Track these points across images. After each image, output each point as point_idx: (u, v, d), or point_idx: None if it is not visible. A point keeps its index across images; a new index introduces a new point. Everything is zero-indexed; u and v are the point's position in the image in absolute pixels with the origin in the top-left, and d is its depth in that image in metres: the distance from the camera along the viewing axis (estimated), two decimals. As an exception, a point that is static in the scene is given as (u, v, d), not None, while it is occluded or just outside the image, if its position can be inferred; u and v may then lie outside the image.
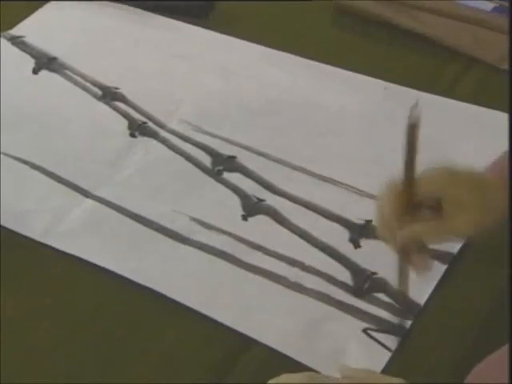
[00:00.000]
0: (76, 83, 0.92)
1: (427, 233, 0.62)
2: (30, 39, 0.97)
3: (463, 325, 0.68)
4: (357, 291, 0.72)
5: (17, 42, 0.96)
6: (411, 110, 0.58)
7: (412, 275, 0.65)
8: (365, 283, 0.72)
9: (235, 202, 0.80)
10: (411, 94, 0.90)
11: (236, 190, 0.81)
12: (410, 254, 0.63)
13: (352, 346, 0.67)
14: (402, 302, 0.69)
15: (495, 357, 0.55)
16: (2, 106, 0.88)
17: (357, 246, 0.76)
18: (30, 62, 0.94)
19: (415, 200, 0.62)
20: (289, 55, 0.96)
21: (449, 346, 0.67)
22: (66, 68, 0.94)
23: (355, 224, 0.78)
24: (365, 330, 0.68)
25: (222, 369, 0.66)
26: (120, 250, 0.75)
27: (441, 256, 0.74)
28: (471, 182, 0.62)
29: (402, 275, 0.65)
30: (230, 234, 0.77)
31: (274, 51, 0.97)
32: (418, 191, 0.61)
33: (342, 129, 0.88)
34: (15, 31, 0.98)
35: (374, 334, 0.68)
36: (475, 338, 0.67)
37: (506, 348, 0.53)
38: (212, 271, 0.74)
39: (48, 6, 1.01)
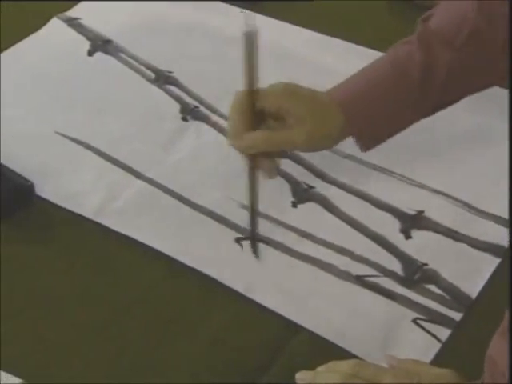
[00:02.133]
0: (130, 66, 0.93)
1: (265, 141, 0.66)
2: (86, 21, 0.98)
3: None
4: (407, 282, 0.71)
5: (73, 23, 0.97)
6: (245, 18, 0.59)
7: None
8: (415, 274, 0.71)
9: (285, 188, 0.80)
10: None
11: (286, 176, 0.81)
12: (257, 159, 0.67)
13: (401, 336, 0.67)
14: (454, 294, 0.68)
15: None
16: (58, 87, 0.90)
17: (408, 236, 0.75)
18: (86, 44, 0.95)
19: (261, 111, 0.65)
20: (342, 42, 0.96)
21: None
22: (121, 51, 0.95)
23: (406, 214, 0.77)
24: (415, 320, 0.68)
25: (268, 354, 0.66)
26: (169, 232, 0.76)
27: (494, 249, 0.73)
28: (309, 99, 0.67)
29: (251, 185, 0.68)
30: (279, 222, 0.77)
31: (327, 37, 0.96)
32: (262, 103, 0.65)
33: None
34: (72, 13, 0.99)
35: (424, 324, 0.67)
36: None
37: None
38: (260, 257, 0.74)
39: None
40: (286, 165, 0.82)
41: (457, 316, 0.68)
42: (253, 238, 0.70)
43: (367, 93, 0.67)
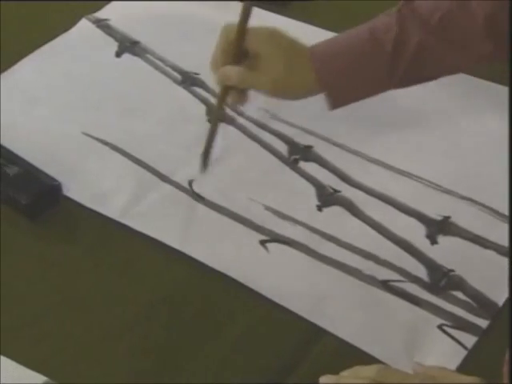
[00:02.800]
0: (157, 67, 0.93)
1: (237, 77, 0.70)
2: (114, 22, 0.98)
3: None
4: (433, 288, 0.70)
5: (101, 24, 0.98)
6: None
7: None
8: (441, 280, 0.71)
9: (310, 191, 0.80)
10: (495, 90, 0.88)
11: (311, 179, 0.81)
12: (229, 89, 0.72)
13: (426, 342, 0.66)
14: (480, 301, 0.68)
15: None
16: (85, 87, 0.90)
17: (433, 241, 0.75)
18: (114, 45, 0.95)
19: (243, 48, 0.70)
20: None
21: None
22: (148, 52, 0.95)
23: (432, 219, 0.76)
24: (440, 327, 0.67)
25: (293, 357, 0.66)
26: (194, 234, 0.76)
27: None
28: (286, 48, 0.70)
29: (217, 108, 0.74)
30: (304, 225, 0.76)
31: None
32: (245, 42, 0.70)
33: (420, 122, 0.87)
34: (100, 14, 1.00)
35: (450, 330, 0.67)
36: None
37: None
38: (285, 260, 0.74)
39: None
40: (311, 168, 0.82)
41: (483, 323, 0.67)
42: (206, 152, 0.76)
43: (342, 54, 0.70)
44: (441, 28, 0.69)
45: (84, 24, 0.99)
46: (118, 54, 0.94)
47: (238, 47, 0.70)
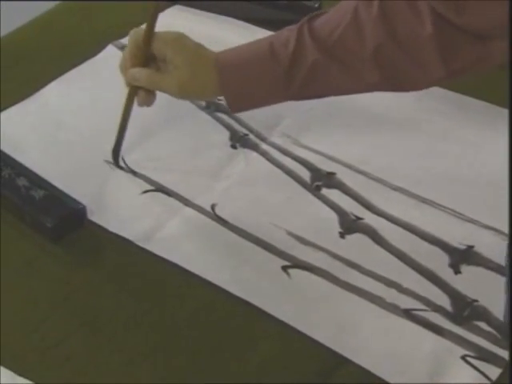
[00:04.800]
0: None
1: (144, 78, 0.75)
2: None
3: None
4: (456, 318, 0.70)
5: (127, 50, 0.99)
6: None
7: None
8: (465, 310, 0.70)
9: (333, 218, 0.80)
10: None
11: (334, 206, 0.81)
12: (137, 90, 0.77)
13: (450, 372, 0.66)
14: (505, 333, 0.67)
15: None
16: (111, 112, 0.90)
17: (457, 271, 0.74)
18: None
19: (151, 52, 0.75)
20: None
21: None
22: (172, 78, 0.97)
23: (456, 249, 0.76)
24: (464, 357, 0.67)
25: (314, 386, 0.66)
26: (216, 260, 0.76)
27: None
28: (191, 52, 0.74)
29: (126, 108, 0.80)
30: (326, 251, 0.76)
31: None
32: (152, 46, 0.74)
33: (444, 150, 0.87)
34: (126, 40, 1.00)
35: (473, 361, 0.66)
36: None
37: None
38: (307, 287, 0.73)
39: (159, 16, 1.04)
40: (334, 195, 0.82)
41: (508, 355, 0.66)
42: (116, 149, 0.83)
43: (244, 63, 0.73)
44: (335, 49, 0.71)
45: (110, 50, 1.00)
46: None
47: (146, 50, 0.74)
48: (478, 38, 0.68)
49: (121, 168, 0.85)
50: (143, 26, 0.76)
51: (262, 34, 1.02)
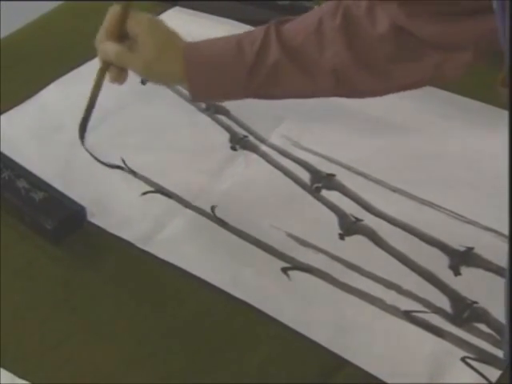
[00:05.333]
0: (181, 94, 0.94)
1: (114, 54, 0.75)
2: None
3: None
4: (456, 319, 0.70)
5: (127, 52, 0.99)
6: None
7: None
8: (464, 312, 0.70)
9: (332, 220, 0.80)
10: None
11: (334, 208, 0.81)
12: (109, 65, 0.77)
13: (449, 374, 0.66)
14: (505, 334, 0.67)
15: None
16: (110, 114, 0.91)
17: (457, 273, 0.74)
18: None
19: (124, 30, 0.75)
20: None
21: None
22: (172, 79, 0.97)
23: (456, 250, 0.76)
24: (463, 359, 0.67)
25: (314, 387, 0.66)
26: (216, 261, 0.76)
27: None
28: (162, 36, 0.75)
29: (96, 84, 0.80)
30: (326, 253, 0.76)
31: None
32: (127, 24, 0.75)
33: (444, 152, 0.87)
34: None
35: (473, 363, 0.66)
36: None
37: None
38: (307, 289, 0.73)
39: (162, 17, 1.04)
40: (334, 196, 0.82)
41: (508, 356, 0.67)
42: (83, 124, 0.84)
43: (210, 55, 0.74)
44: (297, 53, 0.73)
45: (110, 51, 1.00)
46: (143, 82, 0.95)
47: (121, 27, 0.75)
48: (435, 47, 0.70)
49: (117, 166, 0.85)
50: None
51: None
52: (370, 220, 0.80)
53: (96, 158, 0.86)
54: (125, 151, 0.87)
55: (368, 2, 0.71)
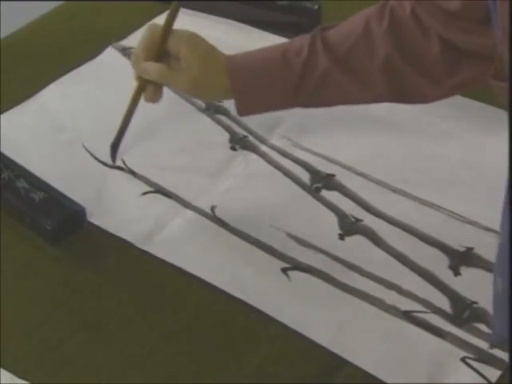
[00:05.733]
0: (181, 95, 0.94)
1: (157, 73, 0.75)
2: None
3: None
4: (456, 320, 0.70)
5: (127, 53, 0.99)
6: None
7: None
8: (464, 312, 0.71)
9: (332, 220, 0.80)
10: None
11: (334, 208, 0.81)
12: (146, 84, 0.77)
13: (449, 374, 0.66)
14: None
15: None
16: (110, 114, 0.91)
17: (457, 273, 0.74)
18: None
19: (165, 48, 0.75)
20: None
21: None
22: (172, 79, 0.97)
23: (455, 251, 0.76)
24: (463, 359, 0.67)
25: (314, 387, 0.66)
26: (216, 262, 0.76)
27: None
28: (205, 53, 0.75)
29: (132, 102, 0.80)
30: (326, 253, 0.76)
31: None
32: (168, 42, 0.75)
33: (445, 152, 0.87)
34: (126, 42, 1.01)
35: (473, 363, 0.66)
36: None
37: None
38: (306, 289, 0.73)
39: (159, 19, 1.04)
40: (333, 197, 0.82)
41: (507, 357, 0.66)
42: (115, 144, 0.82)
43: (255, 68, 0.75)
44: (346, 59, 0.73)
45: (110, 52, 1.00)
46: (144, 82, 0.95)
47: (162, 46, 0.75)
48: (475, 57, 0.70)
49: (117, 167, 0.85)
50: (159, 21, 0.77)
51: (261, 36, 1.03)
52: (369, 220, 0.80)
53: (96, 158, 0.86)
54: (125, 151, 0.86)
55: (411, 3, 0.71)
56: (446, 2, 0.69)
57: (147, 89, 0.77)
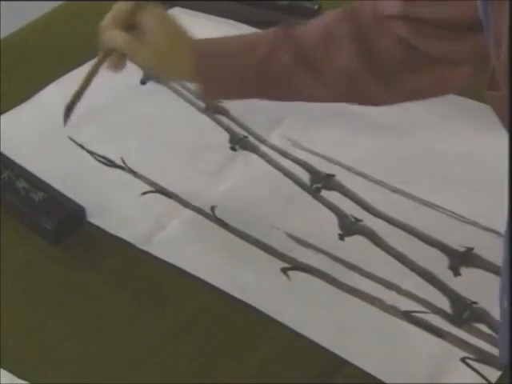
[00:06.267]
0: (181, 95, 0.94)
1: (122, 42, 0.74)
2: (140, 50, 1.00)
3: None
4: (456, 320, 0.70)
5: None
6: None
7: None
8: (464, 312, 0.71)
9: (332, 220, 0.80)
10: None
11: (333, 208, 0.81)
12: (111, 53, 0.75)
13: (449, 374, 0.66)
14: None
15: None
16: (110, 114, 0.91)
17: (456, 273, 0.74)
18: (139, 73, 0.96)
19: (134, 21, 0.73)
20: None
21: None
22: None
23: (455, 251, 0.76)
24: (463, 359, 0.67)
25: (314, 388, 0.66)
26: (216, 262, 0.76)
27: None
28: (174, 32, 0.74)
29: (92, 69, 0.77)
30: (326, 253, 0.76)
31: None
32: (139, 15, 0.73)
33: (444, 152, 0.87)
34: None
35: (473, 363, 0.66)
36: None
37: None
38: (306, 289, 0.73)
39: None
40: (333, 197, 0.82)
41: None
42: (70, 107, 0.79)
43: (220, 54, 0.74)
44: (307, 58, 0.73)
45: (110, 52, 1.00)
46: (143, 82, 0.95)
47: (132, 17, 0.74)
48: (440, 62, 0.70)
49: (117, 166, 0.84)
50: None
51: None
52: (369, 220, 0.80)
53: (96, 158, 0.86)
54: (125, 151, 0.87)
55: (375, 14, 0.71)
56: (413, 10, 0.69)
57: (112, 57, 0.76)
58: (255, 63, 0.73)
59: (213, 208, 0.81)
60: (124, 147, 0.87)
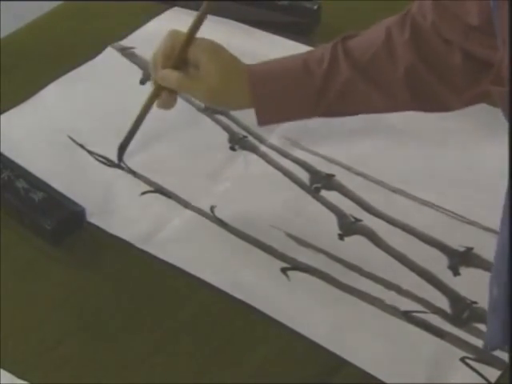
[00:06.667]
0: (180, 95, 0.94)
1: (175, 80, 0.74)
2: (139, 51, 0.99)
3: None
4: (455, 320, 0.70)
5: (126, 52, 0.99)
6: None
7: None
8: (464, 312, 0.71)
9: (332, 220, 0.80)
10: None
11: (333, 208, 0.81)
12: (162, 92, 0.76)
13: (449, 374, 0.66)
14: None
15: None
16: (110, 114, 0.91)
17: (456, 273, 0.74)
18: (138, 73, 0.96)
19: (185, 56, 0.74)
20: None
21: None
22: (172, 80, 0.97)
23: (455, 251, 0.76)
24: (463, 359, 0.67)
25: (314, 387, 0.66)
26: (215, 262, 0.76)
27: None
28: (225, 62, 0.74)
29: (145, 107, 0.78)
30: (325, 253, 0.77)
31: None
32: (188, 51, 0.74)
33: (444, 152, 0.87)
34: (126, 42, 1.01)
35: (472, 363, 0.66)
36: None
37: None
38: (306, 289, 0.74)
39: (158, 19, 1.04)
40: (333, 197, 0.82)
41: (507, 357, 0.67)
42: (123, 146, 0.81)
43: (276, 77, 0.74)
44: (368, 69, 0.73)
45: (109, 52, 1.00)
46: (143, 82, 0.95)
47: (182, 54, 0.74)
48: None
49: (117, 166, 0.85)
50: (181, 29, 0.75)
51: (261, 36, 1.03)
52: (369, 220, 0.80)
53: (96, 158, 0.86)
54: (125, 151, 0.87)
55: (433, 13, 0.71)
56: (466, 16, 0.68)
57: (162, 95, 0.76)
58: (316, 81, 0.73)
59: (212, 208, 0.81)
60: (129, 151, 0.87)
